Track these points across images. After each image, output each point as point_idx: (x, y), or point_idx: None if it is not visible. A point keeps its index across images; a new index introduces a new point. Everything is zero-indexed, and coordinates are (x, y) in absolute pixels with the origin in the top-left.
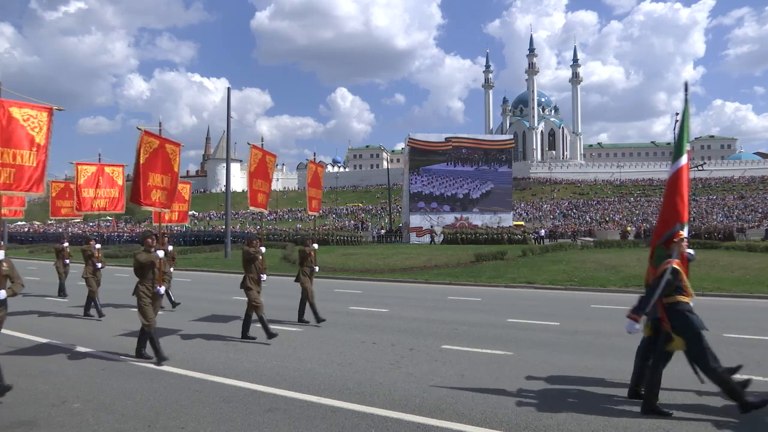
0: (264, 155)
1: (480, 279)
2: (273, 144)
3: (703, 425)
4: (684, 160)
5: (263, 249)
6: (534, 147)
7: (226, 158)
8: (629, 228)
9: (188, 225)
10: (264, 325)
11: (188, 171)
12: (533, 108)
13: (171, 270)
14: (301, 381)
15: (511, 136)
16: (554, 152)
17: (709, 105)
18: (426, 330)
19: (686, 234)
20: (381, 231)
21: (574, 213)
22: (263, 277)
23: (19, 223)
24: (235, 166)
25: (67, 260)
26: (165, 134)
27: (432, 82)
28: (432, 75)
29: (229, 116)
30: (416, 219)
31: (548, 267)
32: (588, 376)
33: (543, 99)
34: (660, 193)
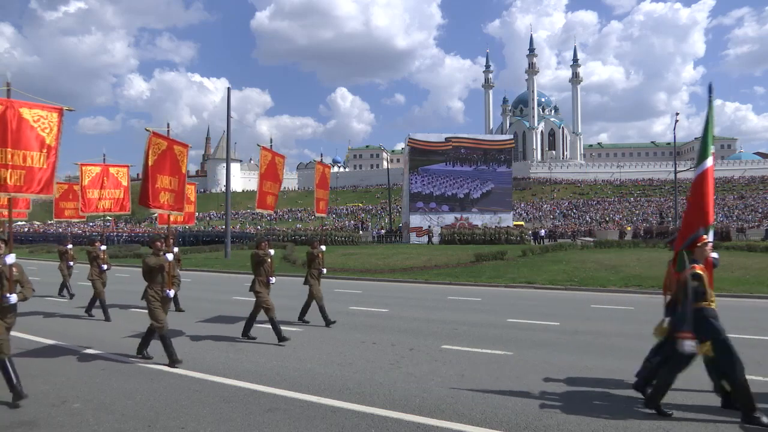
0: (273, 156)
1: (480, 279)
2: (273, 144)
3: (703, 425)
4: (709, 162)
5: (272, 251)
6: (534, 147)
7: (226, 158)
8: (628, 228)
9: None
10: (276, 328)
11: (188, 171)
12: (533, 108)
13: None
14: (301, 381)
15: (511, 136)
16: (554, 152)
17: None
18: (426, 330)
19: (711, 238)
20: (381, 231)
21: (574, 213)
22: (272, 280)
23: (19, 223)
24: (235, 166)
25: (71, 262)
26: (172, 135)
27: (432, 82)
28: (432, 75)
29: (229, 116)
30: (416, 219)
31: (548, 267)
32: (588, 376)
33: (543, 99)
34: (660, 193)
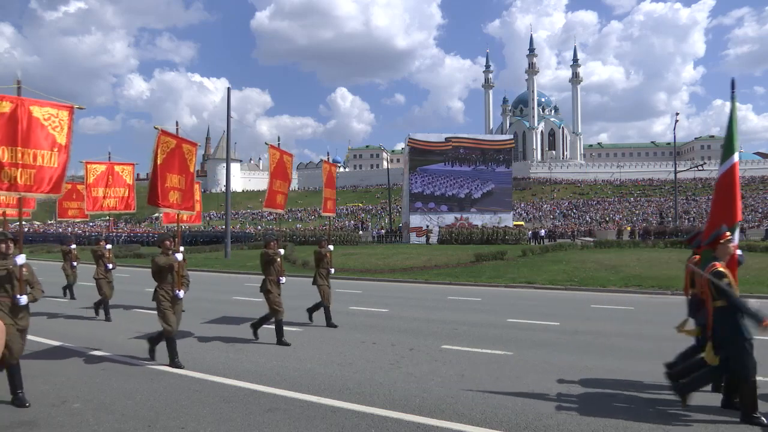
0: (282, 155)
1: (480, 279)
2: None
3: (703, 425)
4: (735, 158)
5: (282, 251)
6: (534, 147)
7: (226, 158)
8: (628, 228)
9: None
10: (279, 332)
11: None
12: (533, 108)
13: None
14: (301, 381)
15: (511, 136)
16: (554, 152)
17: (709, 105)
18: (426, 330)
19: (737, 236)
20: (381, 231)
21: (574, 213)
22: (282, 280)
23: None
24: (235, 166)
25: (75, 263)
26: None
27: (432, 82)
28: (432, 75)
29: (229, 116)
30: (416, 219)
31: (548, 267)
32: (588, 377)
33: (543, 99)
34: (660, 193)
